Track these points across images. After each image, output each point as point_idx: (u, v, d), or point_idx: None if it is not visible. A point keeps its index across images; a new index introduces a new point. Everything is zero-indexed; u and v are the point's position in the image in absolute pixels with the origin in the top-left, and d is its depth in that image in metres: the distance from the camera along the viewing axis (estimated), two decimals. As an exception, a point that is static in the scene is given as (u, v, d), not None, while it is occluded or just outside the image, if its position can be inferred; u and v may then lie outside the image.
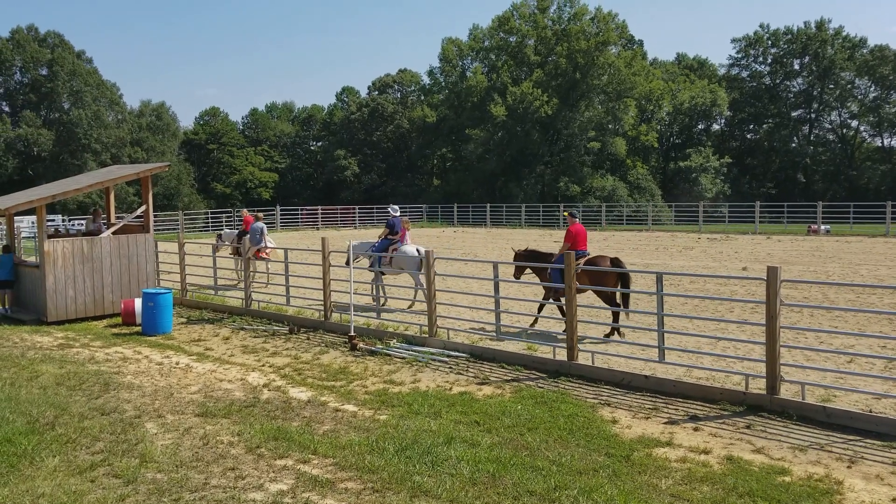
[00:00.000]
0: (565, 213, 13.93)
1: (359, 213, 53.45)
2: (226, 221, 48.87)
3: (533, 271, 14.09)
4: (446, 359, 11.35)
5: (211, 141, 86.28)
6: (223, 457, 7.24)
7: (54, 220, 44.39)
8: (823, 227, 38.26)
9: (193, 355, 12.21)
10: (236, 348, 12.75)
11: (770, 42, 77.09)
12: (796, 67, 76.63)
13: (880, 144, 76.33)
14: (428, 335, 12.36)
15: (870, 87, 73.11)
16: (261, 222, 21.24)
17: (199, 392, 9.76)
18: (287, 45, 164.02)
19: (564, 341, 10.67)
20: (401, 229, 16.51)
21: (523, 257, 14.04)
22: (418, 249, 15.84)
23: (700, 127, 79.40)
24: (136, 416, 8.65)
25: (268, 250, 20.06)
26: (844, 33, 73.64)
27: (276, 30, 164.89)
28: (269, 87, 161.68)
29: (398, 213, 17.00)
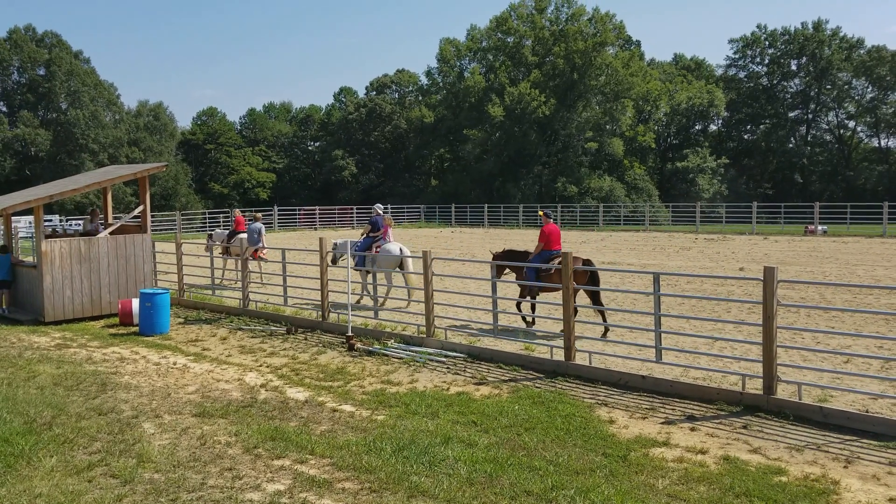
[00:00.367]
0: (540, 213, 14.18)
1: (356, 213, 53.43)
2: (223, 221, 48.82)
3: (511, 270, 14.28)
4: (444, 359, 11.36)
5: (208, 141, 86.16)
6: (220, 457, 7.24)
7: (52, 221, 44.30)
8: (820, 227, 38.32)
9: (191, 355, 12.20)
10: (234, 348, 12.75)
11: (767, 43, 77.17)
12: (793, 68, 76.72)
13: (877, 145, 76.49)
14: (425, 335, 12.37)
15: (867, 87, 73.20)
16: (259, 223, 21.25)
17: (196, 392, 9.75)
18: (285, 46, 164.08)
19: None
20: (382, 227, 16.76)
21: (501, 257, 14.20)
22: (401, 248, 16.08)
23: (697, 127, 79.46)
24: (134, 416, 8.65)
25: (265, 251, 20.06)
26: (842, 34, 73.71)
27: (273, 30, 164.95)
28: (267, 87, 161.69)
29: (382, 212, 17.31)
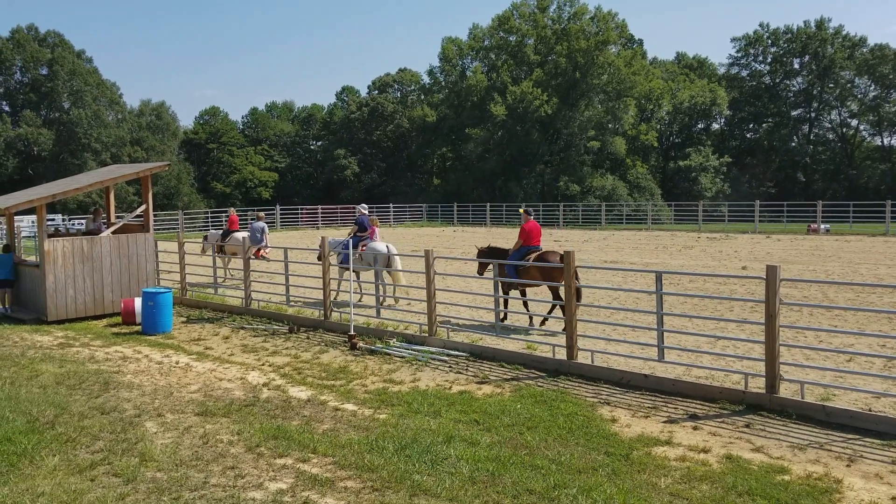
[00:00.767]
0: (521, 211, 14.42)
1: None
2: (225, 220, 48.80)
3: (495, 266, 14.30)
4: (446, 358, 11.36)
5: (211, 140, 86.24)
6: (223, 456, 7.25)
7: (54, 220, 44.40)
8: (823, 226, 38.28)
9: (193, 354, 12.21)
10: (236, 347, 12.76)
11: (770, 41, 77.10)
12: (796, 66, 76.67)
13: (880, 143, 76.41)
14: (428, 334, 12.37)
15: (870, 86, 73.11)
16: (262, 222, 21.28)
17: (198, 391, 9.76)
18: (287, 45, 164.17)
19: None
20: (369, 227, 17.03)
21: (486, 254, 14.41)
22: (388, 246, 16.29)
23: (700, 126, 79.42)
24: (136, 415, 8.66)
25: (267, 250, 20.08)
26: (844, 32, 73.71)
27: (275, 29, 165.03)
28: (269, 86, 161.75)
29: (367, 212, 17.67)
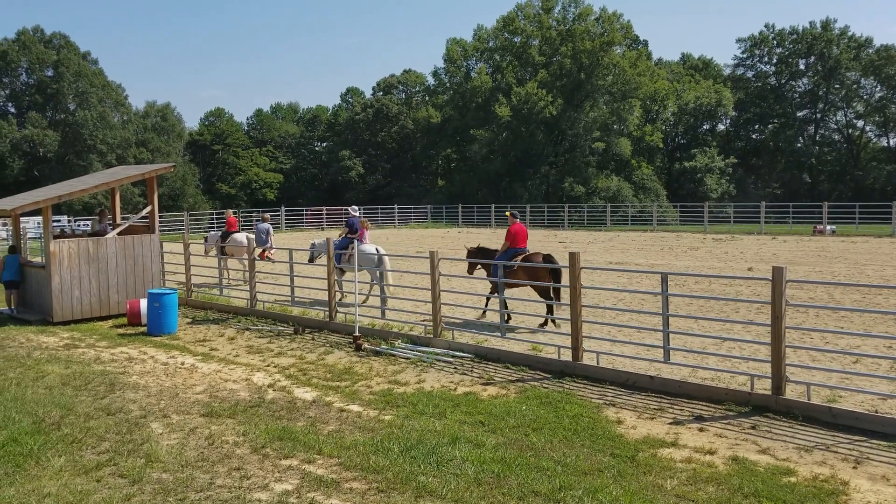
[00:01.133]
0: (507, 214, 14.66)
1: (363, 213, 53.44)
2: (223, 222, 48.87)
3: (482, 267, 14.66)
4: (451, 359, 11.36)
5: (216, 142, 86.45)
6: (228, 457, 7.26)
7: (60, 221, 44.50)
8: (829, 227, 38.17)
9: (198, 355, 12.23)
10: (241, 348, 12.77)
11: (775, 42, 76.98)
12: (802, 67, 76.51)
13: (886, 144, 76.23)
14: (432, 335, 12.37)
15: (875, 87, 73.00)
16: (267, 223, 21.32)
17: (204, 392, 9.77)
18: (291, 46, 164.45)
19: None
20: (360, 229, 17.15)
21: (475, 254, 14.63)
22: (377, 248, 16.48)
23: (705, 127, 79.35)
24: (142, 416, 8.67)
25: (272, 251, 20.10)
26: (850, 33, 73.55)
27: (280, 31, 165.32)
28: (274, 88, 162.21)
29: (357, 214, 17.83)
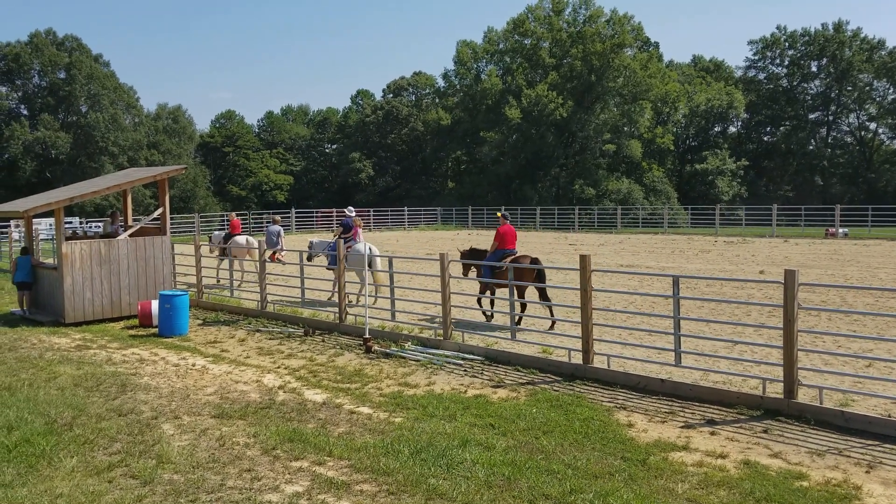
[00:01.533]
0: (498, 215, 14.90)
1: (373, 215, 53.53)
2: (241, 224, 49.02)
3: (475, 268, 14.88)
4: (461, 361, 11.35)
5: (227, 144, 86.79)
6: (239, 458, 7.27)
7: (72, 223, 44.73)
8: (841, 230, 37.96)
9: (209, 357, 12.27)
10: (252, 350, 12.80)
11: (787, 44, 76.64)
12: (814, 69, 76.11)
13: (899, 147, 75.72)
14: (442, 338, 12.37)
15: (888, 89, 72.51)
16: (278, 225, 21.39)
17: (215, 394, 9.80)
18: (302, 49, 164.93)
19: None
20: (353, 228, 17.55)
21: (467, 256, 14.84)
22: (370, 248, 16.72)
23: (716, 129, 79.03)
24: (153, 417, 8.71)
25: (283, 253, 20.14)
26: (863, 35, 73.05)
27: (291, 33, 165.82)
28: (285, 90, 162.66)
29: (352, 214, 18.29)
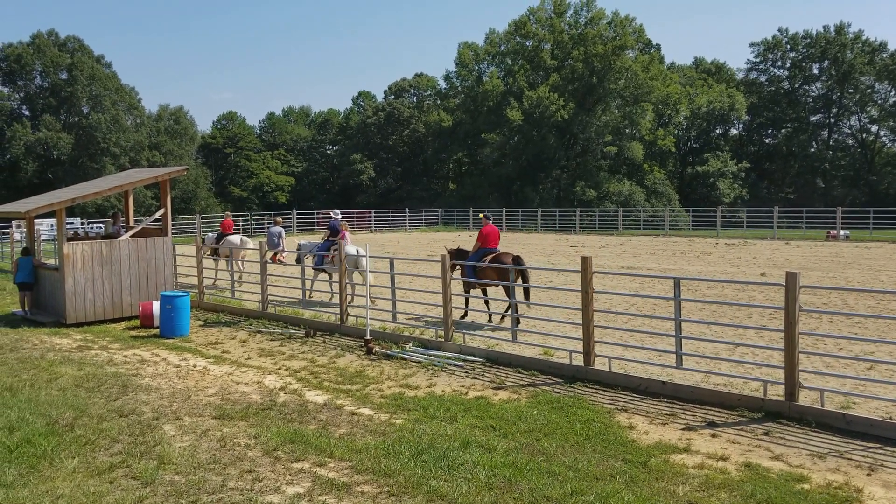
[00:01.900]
0: (481, 216, 15.33)
1: (375, 216, 53.54)
2: (242, 225, 49.14)
3: (459, 267, 15.12)
4: (462, 363, 11.35)
5: (228, 145, 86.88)
6: (240, 459, 7.28)
7: (73, 223, 44.79)
8: (843, 232, 37.92)
9: (210, 358, 12.27)
10: (253, 351, 12.81)
11: (789, 46, 76.64)
12: (815, 72, 76.10)
13: (900, 149, 75.68)
14: (444, 339, 12.37)
15: (890, 91, 72.51)
16: (279, 227, 21.41)
17: (216, 395, 9.81)
18: (304, 50, 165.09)
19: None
20: (340, 231, 17.77)
21: (454, 255, 14.96)
22: (357, 250, 16.99)
23: (718, 131, 79.01)
24: (154, 418, 8.71)
25: (284, 254, 20.15)
26: (864, 37, 73.07)
27: (293, 34, 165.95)
28: (286, 91, 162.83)
29: (339, 217, 18.69)
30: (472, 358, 11.60)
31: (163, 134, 79.47)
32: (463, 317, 14.62)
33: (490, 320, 14.43)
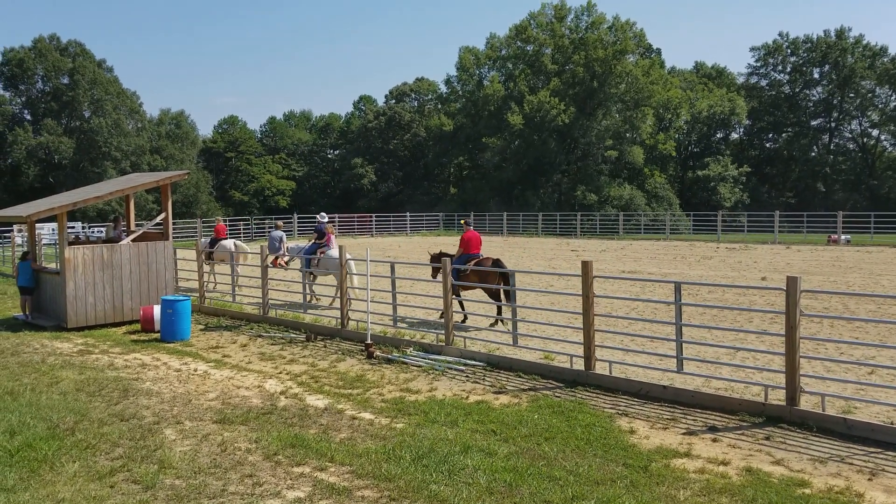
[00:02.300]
0: (462, 222, 15.86)
1: (376, 220, 53.55)
2: (243, 229, 49.19)
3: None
4: (462, 367, 11.35)
5: (229, 149, 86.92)
6: (241, 463, 7.27)
7: (74, 228, 44.82)
8: (844, 236, 37.86)
9: (211, 362, 12.27)
10: (254, 355, 12.81)
11: (789, 51, 76.64)
12: (816, 76, 76.09)
13: (901, 154, 75.64)
14: (444, 343, 12.37)
15: (891, 95, 72.45)
16: (280, 231, 21.44)
17: (216, 399, 9.81)
18: (305, 55, 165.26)
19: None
20: (326, 234, 17.96)
21: (437, 259, 15.36)
22: (342, 253, 16.78)
23: (718, 136, 78.99)
24: (155, 422, 8.71)
25: (286, 258, 20.16)
26: (865, 42, 73.02)
27: (294, 39, 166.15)
28: (287, 95, 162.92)
29: (325, 220, 18.84)
30: (473, 362, 11.60)
31: (164, 138, 79.54)
32: (464, 320, 14.79)
33: (464, 321, 14.72)
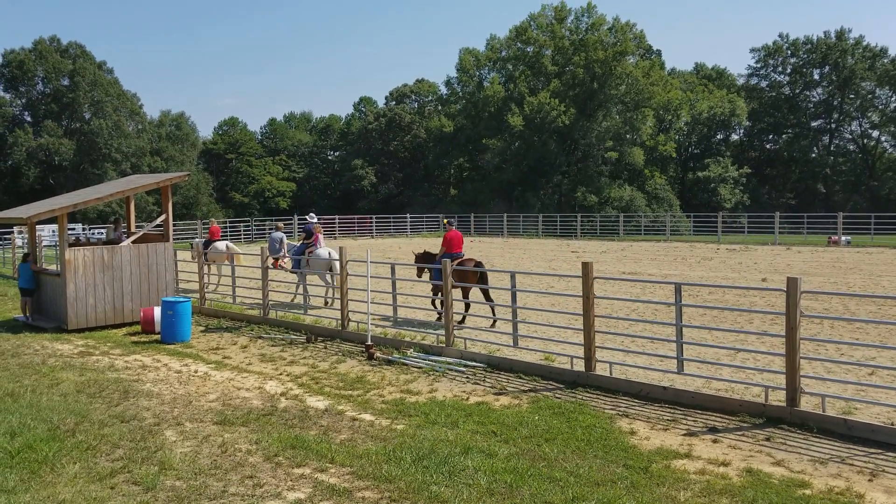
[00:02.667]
0: (444, 221, 16.18)
1: (376, 222, 53.57)
2: (243, 230, 49.21)
3: (428, 271, 15.69)
4: (463, 368, 11.35)
5: (229, 150, 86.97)
6: (241, 465, 7.28)
7: (75, 229, 44.83)
8: (844, 237, 37.86)
9: (212, 363, 12.28)
10: (254, 357, 12.81)
11: (790, 52, 76.63)
12: (816, 77, 76.09)
13: (902, 155, 75.63)
14: (445, 345, 12.37)
15: (891, 96, 72.47)
16: (280, 232, 21.42)
17: (217, 400, 9.81)
18: (305, 56, 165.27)
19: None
20: (314, 234, 18.19)
21: (421, 259, 15.85)
22: (330, 252, 17.44)
23: (719, 137, 79.02)
24: (156, 423, 8.71)
25: (286, 260, 20.16)
26: (865, 43, 73.03)
27: (294, 40, 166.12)
28: (288, 97, 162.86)
29: (314, 221, 19.08)
30: (474, 363, 11.60)
31: (164, 140, 79.59)
32: (462, 320, 14.76)
33: (439, 320, 14.80)
